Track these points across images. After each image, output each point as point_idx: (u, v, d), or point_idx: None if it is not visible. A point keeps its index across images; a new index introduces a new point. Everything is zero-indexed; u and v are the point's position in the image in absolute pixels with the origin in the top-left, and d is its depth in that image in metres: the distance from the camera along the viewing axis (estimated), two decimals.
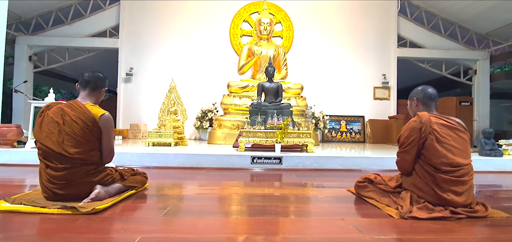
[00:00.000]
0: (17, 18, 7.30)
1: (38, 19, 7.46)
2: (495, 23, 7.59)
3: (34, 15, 7.40)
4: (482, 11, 7.27)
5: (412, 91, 1.96)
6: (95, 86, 1.84)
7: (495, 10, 7.04)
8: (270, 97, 5.04)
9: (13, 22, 7.27)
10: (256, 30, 6.80)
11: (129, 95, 7.45)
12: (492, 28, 7.81)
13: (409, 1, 8.01)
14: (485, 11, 7.24)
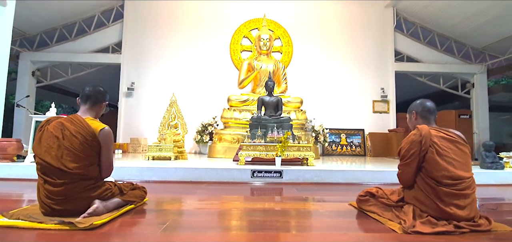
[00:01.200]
0: (21, 35, 7.46)
1: (42, 35, 7.62)
2: (491, 38, 7.75)
3: (39, 32, 7.57)
4: (477, 26, 7.44)
5: (411, 104, 1.98)
6: (96, 100, 1.85)
7: (490, 25, 7.22)
8: (270, 111, 5.06)
9: (18, 39, 7.43)
10: (256, 45, 6.94)
11: (129, 109, 7.50)
12: (488, 42, 7.97)
13: (405, 17, 8.22)
14: (480, 26, 7.41)
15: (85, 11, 7.52)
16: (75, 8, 7.27)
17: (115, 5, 7.81)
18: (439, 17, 7.74)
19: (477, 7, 6.84)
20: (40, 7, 6.80)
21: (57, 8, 7.03)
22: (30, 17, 6.95)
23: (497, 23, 6.98)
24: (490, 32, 7.50)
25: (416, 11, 7.91)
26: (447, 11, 7.40)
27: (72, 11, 7.33)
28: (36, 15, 7.00)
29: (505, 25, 6.73)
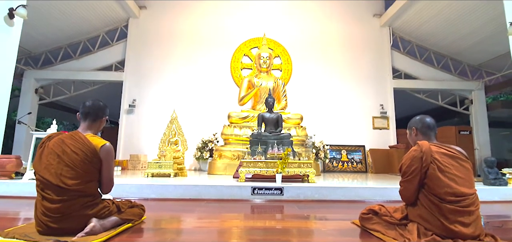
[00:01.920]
0: (27, 54, 7.62)
1: (47, 54, 7.78)
2: (486, 55, 7.91)
3: (44, 51, 7.74)
4: (473, 44, 7.62)
5: (410, 121, 1.99)
6: (96, 116, 1.85)
7: (485, 43, 7.39)
8: (270, 127, 5.07)
9: (23, 57, 7.58)
10: (256, 63, 7.07)
11: (130, 126, 7.52)
12: (484, 60, 8.12)
13: (401, 36, 8.42)
14: (475, 45, 7.59)
15: (91, 31, 7.74)
16: (80, 28, 7.49)
17: (120, 25, 8.05)
18: (434, 36, 7.94)
19: (471, 26, 7.04)
20: (47, 27, 7.00)
21: (64, 28, 7.23)
22: (36, 36, 7.13)
23: (491, 41, 7.14)
24: (485, 50, 7.66)
25: (411, 30, 8.12)
26: (442, 30, 7.61)
27: (77, 31, 7.54)
28: (42, 34, 7.19)
29: (499, 44, 6.88)
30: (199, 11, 8.23)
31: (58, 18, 6.85)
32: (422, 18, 7.56)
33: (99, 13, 7.30)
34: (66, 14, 6.84)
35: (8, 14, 3.91)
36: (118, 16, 7.75)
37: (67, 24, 7.16)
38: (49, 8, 6.45)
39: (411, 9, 7.44)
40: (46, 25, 6.93)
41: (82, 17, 7.16)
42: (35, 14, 6.25)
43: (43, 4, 6.26)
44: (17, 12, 3.96)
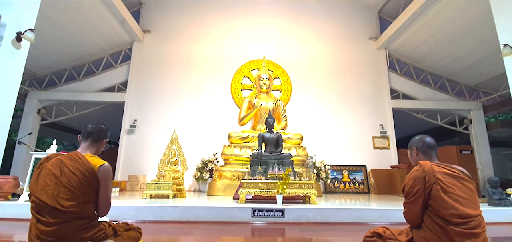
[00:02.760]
0: (32, 75, 7.77)
1: (52, 75, 7.93)
2: (482, 76, 8.04)
3: (49, 72, 7.89)
4: (468, 65, 7.77)
5: (410, 140, 1.99)
6: (97, 137, 1.86)
7: (480, 64, 7.54)
8: (270, 147, 5.05)
9: (28, 79, 7.72)
10: (256, 84, 7.18)
11: (130, 146, 7.49)
12: (480, 80, 8.24)
13: (397, 58, 8.62)
14: (470, 66, 7.74)
15: (95, 53, 7.94)
16: (86, 50, 7.69)
17: (124, 48, 8.28)
18: (429, 58, 8.13)
19: (464, 49, 7.22)
20: (53, 50, 7.20)
21: (69, 50, 7.43)
22: (42, 58, 7.31)
23: (486, 62, 7.29)
24: (480, 71, 7.80)
25: (406, 52, 8.33)
26: (437, 52, 7.80)
27: (83, 53, 7.75)
28: (48, 57, 7.38)
29: (495, 64, 7.02)
30: (200, 35, 8.50)
31: (65, 41, 7.07)
32: (417, 41, 7.78)
33: (105, 36, 7.54)
34: (73, 37, 7.06)
35: (15, 38, 4.02)
36: (123, 39, 7.99)
37: (74, 47, 7.37)
38: (58, 31, 6.67)
39: (405, 33, 7.68)
40: (53, 48, 7.12)
41: (88, 40, 7.39)
42: (43, 37, 6.46)
43: (51, 28, 6.48)
44: (25, 36, 4.07)
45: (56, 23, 6.41)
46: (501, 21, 4.44)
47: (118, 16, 7.12)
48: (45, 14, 5.93)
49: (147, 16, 8.69)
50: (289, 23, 8.77)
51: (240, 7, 8.81)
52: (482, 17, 6.04)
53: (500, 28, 4.45)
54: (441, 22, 6.81)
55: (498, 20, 4.49)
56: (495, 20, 4.54)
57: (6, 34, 3.86)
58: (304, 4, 8.98)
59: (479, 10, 5.97)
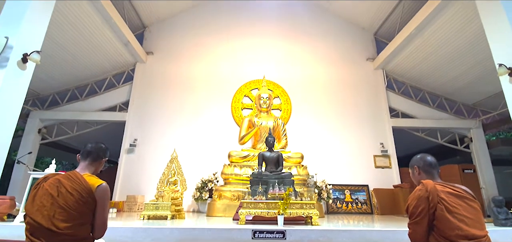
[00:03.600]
0: (35, 95, 7.87)
1: (54, 95, 8.03)
2: (480, 95, 8.12)
3: (52, 92, 7.99)
4: (464, 85, 7.88)
5: (411, 159, 1.98)
6: (97, 156, 1.86)
7: (477, 84, 7.64)
8: (270, 166, 5.01)
9: (31, 98, 7.81)
10: (256, 104, 7.25)
11: (130, 166, 7.42)
12: (478, 99, 8.32)
13: (394, 78, 8.76)
14: (467, 85, 7.84)
15: (99, 74, 8.09)
16: (90, 71, 7.85)
17: (127, 69, 8.45)
18: (426, 78, 8.26)
19: (460, 69, 7.36)
20: (58, 71, 7.35)
21: (74, 71, 7.58)
22: (46, 79, 7.44)
23: (482, 82, 7.40)
24: (478, 90, 7.89)
25: (403, 72, 8.48)
26: (433, 72, 7.94)
27: (86, 74, 7.90)
28: (52, 77, 7.51)
29: (491, 83, 7.11)
30: (201, 56, 8.71)
31: (70, 62, 7.23)
32: (413, 62, 7.94)
33: (109, 57, 7.72)
34: (78, 58, 7.23)
35: (21, 59, 4.10)
36: (126, 60, 8.17)
37: (78, 67, 7.52)
38: (63, 53, 6.84)
39: (401, 54, 7.86)
40: (58, 68, 7.27)
41: (92, 61, 7.56)
42: (48, 58, 6.61)
43: (57, 49, 6.65)
44: (31, 57, 4.15)
45: (62, 45, 6.60)
46: (495, 41, 4.55)
47: (122, 38, 7.34)
48: (51, 36, 6.12)
49: (150, 39, 8.95)
50: (288, 43, 9.01)
51: (239, 28, 9.09)
52: (477, 37, 6.20)
53: (494, 48, 4.55)
54: (436, 43, 6.99)
55: (492, 41, 4.61)
56: (489, 41, 4.66)
57: (12, 55, 3.95)
58: (302, 25, 9.27)
59: (473, 31, 6.15)
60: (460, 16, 6.06)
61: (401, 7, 7.96)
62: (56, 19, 5.75)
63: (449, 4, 5.95)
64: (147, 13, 8.70)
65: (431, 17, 6.39)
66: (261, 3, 9.52)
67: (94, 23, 6.50)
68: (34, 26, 4.34)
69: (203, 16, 9.25)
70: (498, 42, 4.49)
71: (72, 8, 5.89)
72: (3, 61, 3.90)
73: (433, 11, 6.20)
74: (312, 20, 9.39)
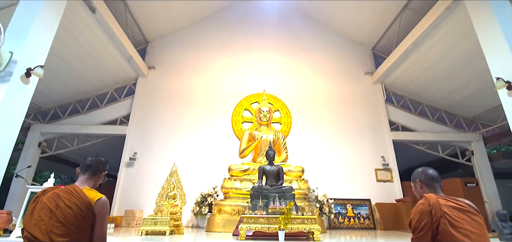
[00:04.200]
0: (37, 109, 7.91)
1: (56, 109, 8.07)
2: (479, 108, 8.15)
3: (54, 106, 8.04)
4: (463, 99, 7.93)
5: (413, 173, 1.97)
6: (96, 170, 1.86)
7: (475, 97, 7.68)
8: (271, 180, 4.96)
9: (32, 112, 7.84)
10: (257, 117, 7.27)
11: (129, 180, 7.35)
12: (477, 112, 8.35)
13: (393, 91, 8.83)
14: (466, 99, 7.89)
15: (101, 88, 8.18)
16: (92, 85, 7.93)
17: (129, 83, 8.55)
18: (425, 91, 8.32)
19: (459, 82, 7.43)
20: (61, 85, 7.43)
21: (76, 85, 7.67)
22: (48, 93, 7.51)
23: (481, 95, 7.45)
24: (477, 104, 7.93)
25: (402, 86, 8.56)
26: (431, 86, 8.01)
27: (89, 88, 7.98)
28: (55, 92, 7.58)
29: (489, 97, 7.16)
30: (202, 70, 8.84)
31: (73, 77, 7.32)
32: (411, 76, 8.04)
33: (112, 72, 7.83)
34: (81, 73, 7.33)
35: (25, 73, 4.16)
36: (128, 75, 8.28)
37: (80, 82, 7.61)
38: (66, 67, 6.94)
39: (398, 68, 7.97)
40: (60, 83, 7.35)
41: (95, 76, 7.65)
42: (51, 73, 6.70)
43: (60, 64, 6.76)
44: (34, 72, 4.20)
45: (65, 59, 6.70)
46: (492, 55, 4.62)
47: (125, 53, 7.47)
48: (55, 51, 6.23)
49: (153, 54, 9.10)
50: (288, 58, 9.15)
51: (240, 43, 9.27)
52: (473, 52, 6.30)
53: (491, 62, 4.62)
54: (433, 58, 7.10)
55: (489, 55, 4.68)
56: (485, 55, 4.74)
57: (16, 69, 4.00)
58: (301, 40, 9.46)
59: (469, 45, 6.25)
60: (456, 31, 6.19)
61: (398, 23, 8.15)
62: (61, 34, 5.87)
63: (445, 20, 6.10)
64: (150, 29, 8.90)
65: (427, 33, 6.53)
66: (261, 19, 9.76)
67: (98, 38, 6.64)
68: (39, 41, 4.41)
69: (204, 32, 9.46)
70: (495, 56, 4.56)
71: (77, 24, 6.03)
72: (6, 75, 3.95)
73: (429, 27, 6.34)
74: (311, 35, 9.59)
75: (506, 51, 4.32)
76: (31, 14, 4.31)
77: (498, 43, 4.47)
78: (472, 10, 5.07)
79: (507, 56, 4.31)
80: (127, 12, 7.91)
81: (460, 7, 5.62)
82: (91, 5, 5.88)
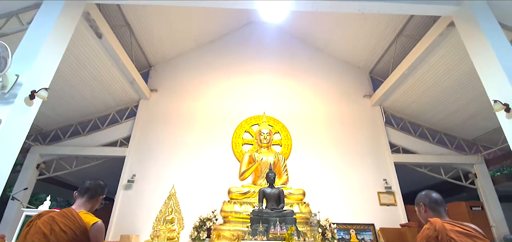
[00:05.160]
0: (38, 130, 7.93)
1: (57, 131, 8.09)
2: (478, 131, 8.16)
3: (55, 128, 8.07)
4: (462, 121, 7.96)
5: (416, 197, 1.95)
6: (95, 193, 1.85)
7: (474, 119, 7.72)
8: (271, 203, 4.86)
9: (33, 133, 7.86)
10: (257, 139, 7.27)
11: (126, 203, 7.19)
12: (477, 134, 8.34)
13: (392, 114, 8.90)
14: (465, 121, 7.93)
15: (103, 109, 8.26)
16: (94, 107, 8.02)
17: (131, 105, 8.65)
18: (423, 114, 8.39)
19: (456, 105, 7.51)
20: (62, 106, 7.51)
21: (79, 107, 7.75)
22: (51, 115, 7.57)
23: (480, 117, 7.49)
24: (476, 126, 7.95)
25: (401, 108, 8.65)
26: (429, 109, 8.09)
27: (91, 110, 8.06)
28: (57, 113, 7.65)
29: (488, 119, 7.19)
30: (202, 93, 8.98)
31: (76, 99, 7.42)
32: (408, 99, 8.14)
33: (114, 94, 7.95)
34: (84, 95, 7.44)
35: (29, 95, 4.20)
36: (131, 97, 8.40)
37: (83, 104, 7.70)
38: (70, 90, 7.06)
39: (396, 91, 8.10)
40: (63, 104, 7.44)
41: (98, 98, 7.76)
42: (55, 95, 6.81)
43: (65, 87, 6.88)
44: (38, 94, 4.24)
45: (69, 82, 6.84)
46: (487, 79, 4.69)
47: (128, 76, 7.63)
48: (60, 73, 6.37)
49: (156, 77, 9.30)
50: (288, 80, 9.33)
51: (240, 65, 9.50)
52: (469, 75, 6.42)
53: (487, 85, 4.68)
54: (429, 81, 7.23)
55: (484, 78, 4.75)
56: (481, 78, 4.81)
57: (20, 92, 4.05)
58: (300, 63, 9.70)
59: (465, 69, 6.39)
60: (451, 55, 6.36)
61: (394, 48, 8.40)
62: (66, 57, 6.03)
63: (439, 45, 6.29)
64: (154, 54, 9.17)
65: (422, 58, 6.71)
66: (261, 43, 10.09)
67: (103, 62, 6.82)
68: (45, 64, 4.49)
69: (206, 55, 9.73)
70: (490, 79, 4.62)
71: (83, 48, 6.23)
72: (11, 97, 3.99)
73: (424, 52, 6.52)
74: (310, 59, 9.85)
75: (501, 74, 4.39)
76: (39, 39, 4.44)
77: (493, 66, 4.56)
78: (465, 35, 5.22)
79: (502, 79, 4.37)
80: (132, 37, 8.20)
81: (453, 33, 5.82)
82: (98, 31, 6.10)
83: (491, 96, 4.51)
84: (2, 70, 3.70)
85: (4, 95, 3.95)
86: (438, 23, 6.07)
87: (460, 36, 5.40)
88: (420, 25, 7.49)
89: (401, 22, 7.77)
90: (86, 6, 5.43)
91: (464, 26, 5.24)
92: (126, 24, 7.76)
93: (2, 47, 3.74)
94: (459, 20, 5.36)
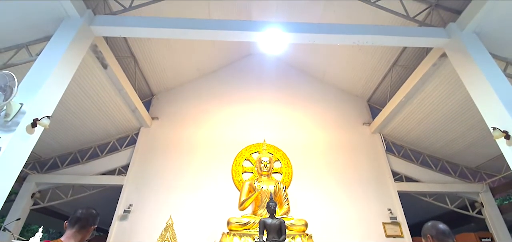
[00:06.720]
0: (36, 158, 7.86)
1: (56, 159, 8.01)
2: (481, 158, 8.08)
3: (54, 156, 8.00)
4: (462, 148, 7.92)
5: (423, 228, 1.89)
6: (86, 223, 1.78)
7: (475, 147, 7.68)
8: (272, 235, 4.67)
9: (32, 162, 7.77)
10: (257, 167, 7.18)
11: (121, 234, 6.89)
12: (480, 162, 8.25)
13: (392, 141, 8.89)
14: (466, 148, 7.88)
15: (103, 137, 8.26)
16: (95, 135, 8.03)
17: (131, 133, 8.67)
18: (423, 141, 8.37)
19: (455, 132, 7.52)
20: (62, 134, 7.52)
21: (79, 135, 7.76)
22: (50, 142, 7.55)
23: (481, 144, 7.46)
24: (478, 153, 7.89)
25: (400, 136, 8.65)
26: (429, 136, 8.09)
27: (91, 138, 8.06)
28: (57, 141, 7.63)
29: (489, 146, 7.16)
30: (202, 121, 9.05)
31: (77, 127, 7.45)
32: (407, 127, 8.18)
33: (116, 122, 8.01)
34: (86, 123, 7.49)
35: (31, 124, 4.22)
36: (132, 125, 8.46)
37: (84, 132, 7.72)
38: (73, 118, 7.12)
39: (394, 119, 8.17)
40: (64, 132, 7.45)
41: (99, 126, 7.80)
42: (56, 123, 6.85)
43: (67, 115, 6.95)
44: (40, 122, 4.27)
45: (72, 110, 6.92)
46: (484, 106, 4.74)
47: (131, 105, 7.75)
48: (63, 102, 6.46)
49: (157, 105, 9.44)
50: (287, 108, 9.45)
51: (240, 94, 9.69)
52: (466, 102, 6.50)
53: (484, 112, 4.73)
54: (426, 109, 7.33)
55: (481, 105, 4.81)
56: (478, 106, 4.87)
57: (23, 120, 4.07)
58: (300, 91, 9.90)
59: (461, 97, 6.50)
60: (446, 84, 6.51)
61: (389, 77, 8.63)
62: (70, 86, 6.13)
63: (433, 75, 6.46)
64: (156, 83, 9.40)
65: (417, 87, 6.86)
66: (260, 72, 10.40)
67: (107, 91, 6.96)
68: (49, 94, 4.56)
69: (207, 84, 9.97)
70: (487, 106, 4.67)
71: (88, 78, 6.39)
72: (13, 125, 4.01)
73: (419, 82, 6.68)
74: (309, 87, 10.08)
75: (497, 101, 4.44)
76: (46, 70, 4.55)
77: (488, 95, 4.63)
78: (457, 66, 5.38)
79: (498, 106, 4.42)
80: (137, 68, 8.45)
81: (446, 63, 6.01)
82: (104, 62, 6.31)
83: (490, 123, 4.54)
84: (7, 99, 3.77)
85: (7, 123, 3.98)
86: (431, 54, 6.29)
87: (453, 66, 5.56)
88: (413, 56, 7.77)
89: (395, 53, 8.06)
90: (94, 39, 5.68)
91: (456, 57, 5.42)
92: (131, 55, 8.05)
93: (9, 77, 3.85)
94: (451, 52, 5.56)
